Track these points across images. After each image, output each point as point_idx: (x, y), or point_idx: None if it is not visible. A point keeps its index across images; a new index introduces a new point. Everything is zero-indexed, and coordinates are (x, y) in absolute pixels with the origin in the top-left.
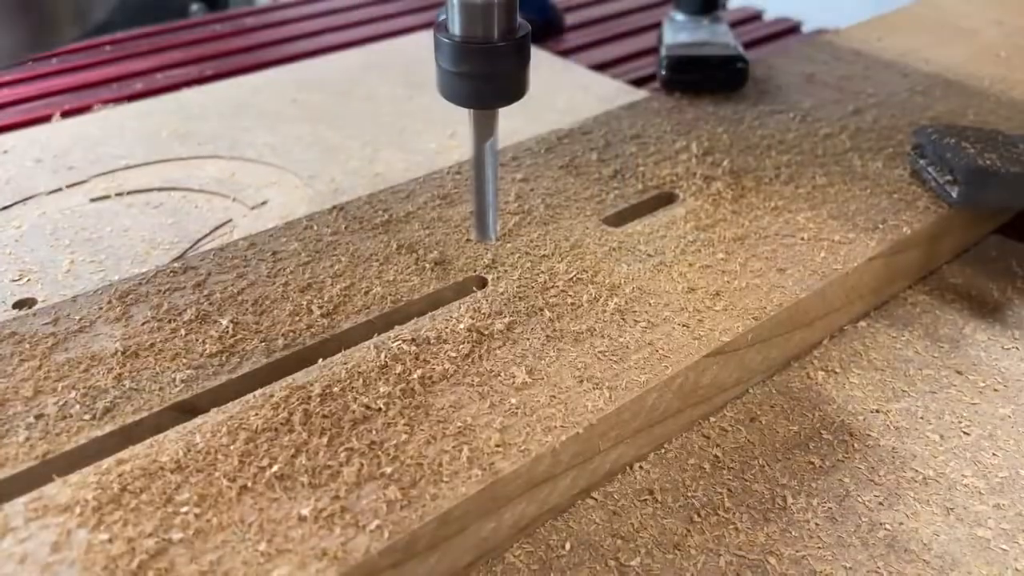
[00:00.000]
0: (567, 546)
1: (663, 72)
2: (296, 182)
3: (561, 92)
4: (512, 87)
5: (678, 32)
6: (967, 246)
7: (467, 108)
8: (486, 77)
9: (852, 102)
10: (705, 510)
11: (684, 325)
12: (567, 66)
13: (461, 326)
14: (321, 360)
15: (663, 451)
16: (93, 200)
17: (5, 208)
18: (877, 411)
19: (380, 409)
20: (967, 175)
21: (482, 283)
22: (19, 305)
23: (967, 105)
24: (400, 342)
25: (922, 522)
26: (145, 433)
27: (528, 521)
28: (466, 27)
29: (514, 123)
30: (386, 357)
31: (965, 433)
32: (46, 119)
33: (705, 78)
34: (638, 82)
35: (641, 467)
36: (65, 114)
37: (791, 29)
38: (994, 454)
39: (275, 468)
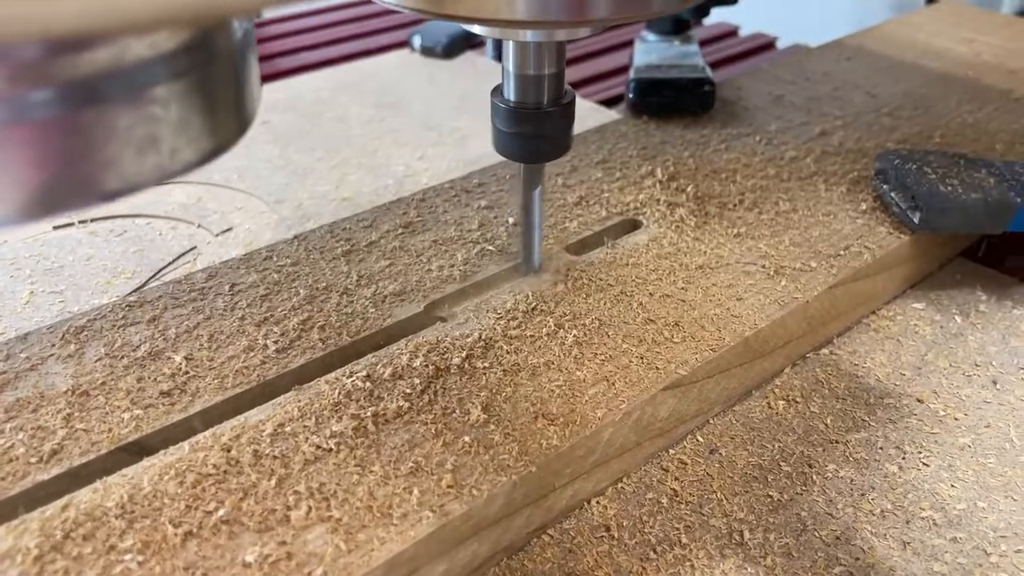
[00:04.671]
0: None
1: (630, 95)
2: (262, 207)
3: None
4: (559, 145)
5: (648, 53)
6: (931, 270)
7: (519, 163)
8: (536, 137)
9: (819, 124)
10: (662, 546)
11: (641, 358)
12: None
13: (417, 361)
14: (274, 398)
15: (621, 486)
16: (56, 228)
17: None
18: (837, 442)
19: (331, 449)
20: (928, 201)
21: (442, 315)
22: None
23: (935, 127)
24: (355, 378)
25: (878, 557)
26: (92, 476)
27: (481, 561)
28: (520, 94)
29: (486, 145)
30: (340, 394)
31: (924, 464)
32: None
33: (672, 101)
34: (610, 102)
35: (598, 502)
36: None
37: (766, 45)
38: (953, 486)
39: (221, 512)
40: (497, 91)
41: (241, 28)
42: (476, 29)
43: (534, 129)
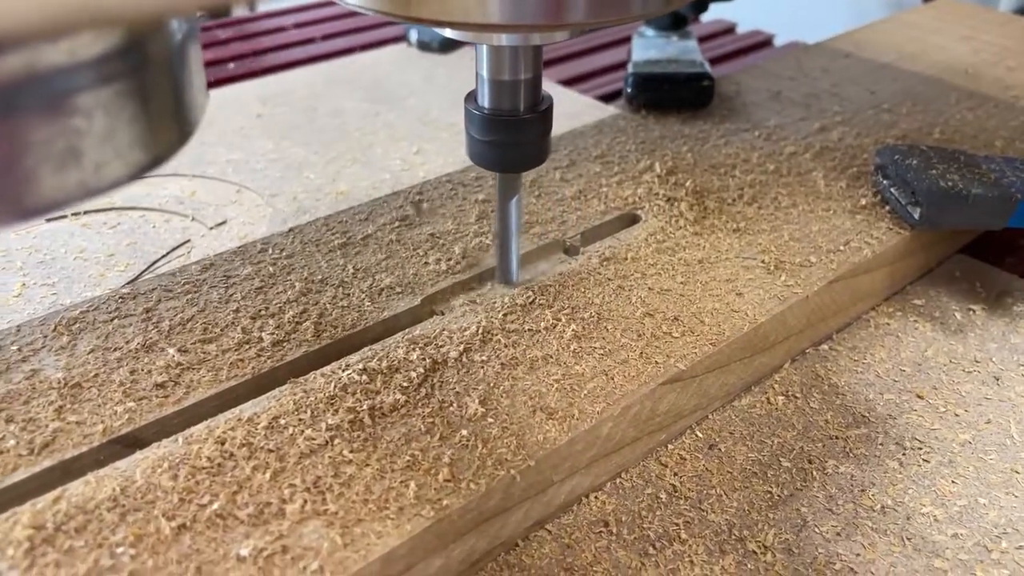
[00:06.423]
0: None
1: (629, 90)
2: (257, 200)
3: None
4: (536, 153)
5: (647, 48)
6: (931, 266)
7: (494, 172)
8: (512, 145)
9: (818, 120)
10: (660, 542)
11: (640, 352)
12: None
13: (414, 354)
14: (269, 391)
15: (619, 481)
16: (49, 220)
17: None
18: (836, 437)
19: (327, 443)
20: (929, 196)
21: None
22: None
23: (934, 123)
24: (351, 371)
25: (879, 553)
26: (84, 468)
27: (478, 556)
28: (494, 101)
29: None
30: (336, 387)
31: (925, 460)
32: None
33: (671, 96)
34: (608, 97)
35: (597, 497)
36: None
37: (764, 42)
38: (953, 482)
39: (215, 506)
40: (471, 97)
41: (181, 29)
42: (448, 33)
43: (510, 137)
